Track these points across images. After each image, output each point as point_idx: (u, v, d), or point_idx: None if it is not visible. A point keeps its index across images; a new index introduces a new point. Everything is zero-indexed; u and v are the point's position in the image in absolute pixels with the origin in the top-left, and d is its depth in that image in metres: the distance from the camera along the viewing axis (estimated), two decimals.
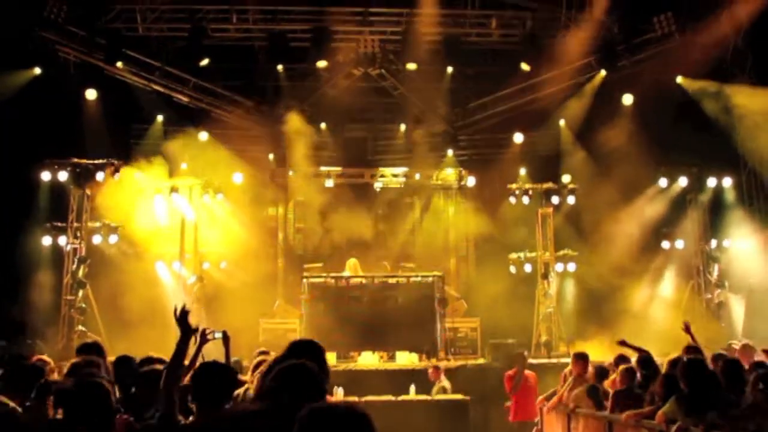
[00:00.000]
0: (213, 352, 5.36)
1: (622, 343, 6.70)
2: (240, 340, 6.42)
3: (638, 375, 6.33)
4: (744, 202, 14.53)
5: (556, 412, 7.72)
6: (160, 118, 14.75)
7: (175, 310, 3.67)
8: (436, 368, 10.02)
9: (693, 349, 6.89)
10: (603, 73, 14.28)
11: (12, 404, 3.83)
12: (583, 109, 14.65)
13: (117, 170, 13.04)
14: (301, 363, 2.85)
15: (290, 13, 13.94)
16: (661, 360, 6.70)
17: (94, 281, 12.89)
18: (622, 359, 7.00)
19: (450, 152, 15.58)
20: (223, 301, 13.24)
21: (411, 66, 14.33)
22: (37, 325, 11.84)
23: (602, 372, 7.04)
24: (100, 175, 12.90)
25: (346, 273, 12.97)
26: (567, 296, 14.74)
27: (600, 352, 10.62)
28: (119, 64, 13.62)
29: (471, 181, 15.50)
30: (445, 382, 9.74)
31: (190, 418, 3.50)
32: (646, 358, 6.56)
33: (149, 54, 14.07)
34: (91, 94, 13.68)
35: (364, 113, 15.42)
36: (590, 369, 7.30)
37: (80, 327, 12.29)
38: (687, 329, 6.66)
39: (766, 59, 13.34)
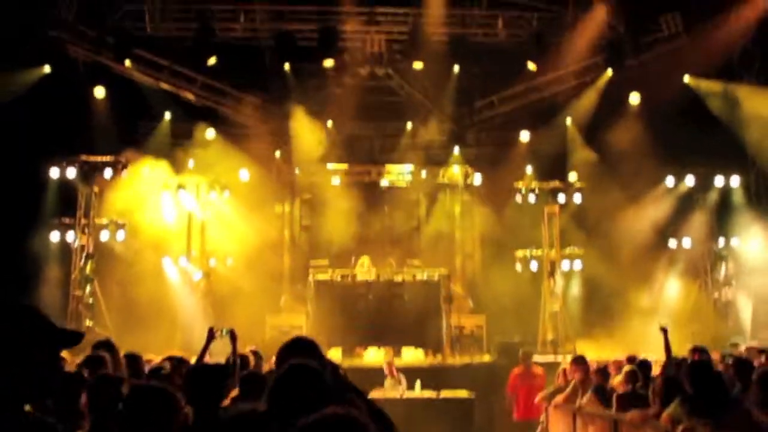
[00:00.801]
0: (220, 350, 5.42)
1: (664, 332, 6.63)
2: (246, 337, 6.46)
3: (640, 377, 6.36)
4: (752, 202, 14.46)
5: (562, 411, 7.73)
6: (167, 115, 14.82)
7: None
8: (389, 363, 10.19)
9: (700, 350, 6.91)
10: (610, 72, 14.24)
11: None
12: (590, 108, 14.61)
13: (125, 167, 13.14)
14: (302, 364, 2.63)
15: (297, 12, 13.98)
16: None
17: (102, 277, 13.01)
18: (633, 359, 7.02)
19: (456, 150, 15.58)
20: (229, 297, 13.30)
21: (417, 65, 14.33)
22: None
23: (604, 373, 7.06)
24: (108, 172, 12.98)
25: (361, 269, 13.00)
26: (573, 295, 14.73)
27: (607, 350, 10.64)
28: (128, 62, 13.69)
29: (477, 179, 15.47)
30: (400, 375, 9.88)
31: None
32: (644, 363, 6.61)
33: (157, 53, 14.14)
34: (99, 92, 13.77)
35: (371, 112, 15.42)
36: (592, 369, 7.31)
37: (88, 322, 12.38)
38: (664, 332, 6.61)
39: None
